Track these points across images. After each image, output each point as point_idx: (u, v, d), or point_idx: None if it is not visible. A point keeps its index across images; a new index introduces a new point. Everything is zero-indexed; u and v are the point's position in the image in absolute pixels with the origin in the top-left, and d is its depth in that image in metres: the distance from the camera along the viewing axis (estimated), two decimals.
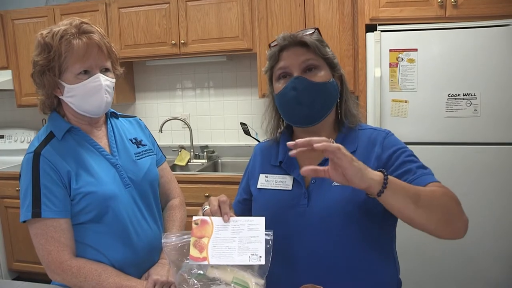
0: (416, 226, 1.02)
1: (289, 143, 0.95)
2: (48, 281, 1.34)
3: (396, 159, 1.17)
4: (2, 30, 3.57)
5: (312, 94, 1.18)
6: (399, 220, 1.11)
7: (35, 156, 1.27)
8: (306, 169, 0.94)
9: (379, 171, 0.98)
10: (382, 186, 0.95)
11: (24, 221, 1.26)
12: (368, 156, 1.19)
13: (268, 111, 1.34)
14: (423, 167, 1.16)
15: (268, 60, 1.26)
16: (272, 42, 1.26)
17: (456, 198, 1.08)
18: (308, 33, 1.22)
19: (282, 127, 1.36)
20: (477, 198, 2.39)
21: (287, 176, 1.26)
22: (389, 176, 0.97)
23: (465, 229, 1.07)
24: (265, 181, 1.29)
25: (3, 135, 3.91)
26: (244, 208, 1.37)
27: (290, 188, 1.24)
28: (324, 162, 1.21)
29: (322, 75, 1.20)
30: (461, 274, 2.46)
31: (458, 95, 2.36)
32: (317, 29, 1.24)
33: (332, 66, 1.23)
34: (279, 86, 1.23)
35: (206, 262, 1.01)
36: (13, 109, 3.93)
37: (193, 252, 1.02)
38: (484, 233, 2.38)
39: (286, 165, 1.28)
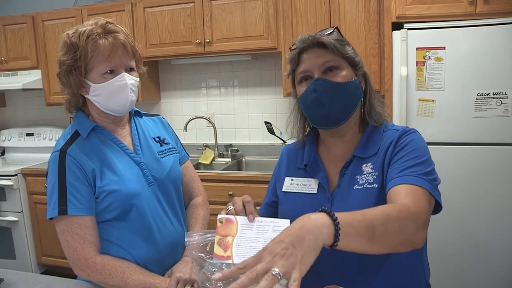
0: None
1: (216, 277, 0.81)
2: (75, 276, 1.37)
3: (396, 154, 1.13)
4: (33, 31, 3.67)
5: (333, 95, 1.16)
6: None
7: (61, 154, 1.29)
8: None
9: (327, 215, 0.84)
10: (333, 240, 0.82)
11: (51, 218, 1.29)
12: (384, 160, 1.16)
13: (293, 114, 1.33)
14: (416, 167, 1.07)
15: (289, 63, 1.25)
16: (292, 46, 1.25)
17: (412, 214, 0.96)
18: (326, 33, 1.20)
19: (308, 129, 1.35)
20: (509, 200, 2.32)
21: (312, 180, 1.25)
22: (340, 224, 0.82)
23: (421, 242, 0.99)
24: (291, 184, 1.29)
25: (33, 133, 4.02)
26: (273, 210, 1.36)
27: (315, 191, 1.23)
28: (348, 166, 1.20)
29: (343, 75, 1.18)
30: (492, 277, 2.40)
31: (488, 94, 2.30)
32: (336, 28, 1.22)
33: (353, 64, 1.21)
34: (301, 89, 1.22)
35: (230, 261, 1.01)
36: (42, 107, 4.03)
37: (218, 250, 1.02)
38: None
39: (310, 168, 1.27)
